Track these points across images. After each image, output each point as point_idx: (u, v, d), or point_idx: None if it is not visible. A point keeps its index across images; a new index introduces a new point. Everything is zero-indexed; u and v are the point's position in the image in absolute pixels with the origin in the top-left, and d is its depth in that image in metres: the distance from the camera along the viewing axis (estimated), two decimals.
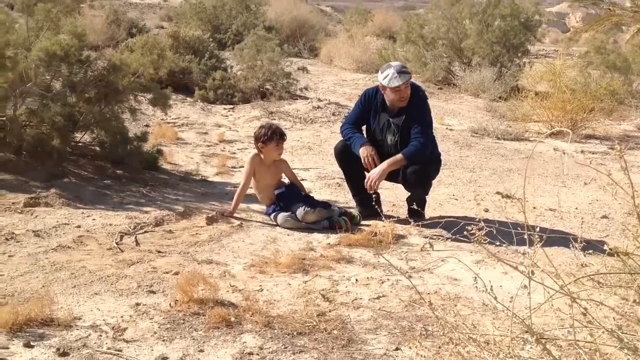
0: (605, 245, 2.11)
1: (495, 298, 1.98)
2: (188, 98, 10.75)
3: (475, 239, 1.99)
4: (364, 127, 5.27)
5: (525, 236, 1.99)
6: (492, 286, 2.04)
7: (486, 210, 5.36)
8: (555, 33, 34.70)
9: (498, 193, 2.08)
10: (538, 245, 1.87)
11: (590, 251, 2.27)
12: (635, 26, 22.21)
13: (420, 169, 4.97)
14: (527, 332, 1.80)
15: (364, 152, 4.97)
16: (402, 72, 4.91)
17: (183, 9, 19.77)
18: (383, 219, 4.01)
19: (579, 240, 2.21)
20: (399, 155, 4.93)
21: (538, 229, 1.92)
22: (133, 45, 6.39)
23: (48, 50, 5.44)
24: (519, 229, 2.14)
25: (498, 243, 2.23)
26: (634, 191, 1.89)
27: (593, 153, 8.20)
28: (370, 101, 5.16)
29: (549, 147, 8.62)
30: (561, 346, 2.04)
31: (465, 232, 2.14)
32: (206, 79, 11.04)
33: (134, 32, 15.18)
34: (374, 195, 4.37)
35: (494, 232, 2.18)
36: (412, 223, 3.83)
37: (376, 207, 4.28)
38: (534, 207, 5.74)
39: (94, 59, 5.92)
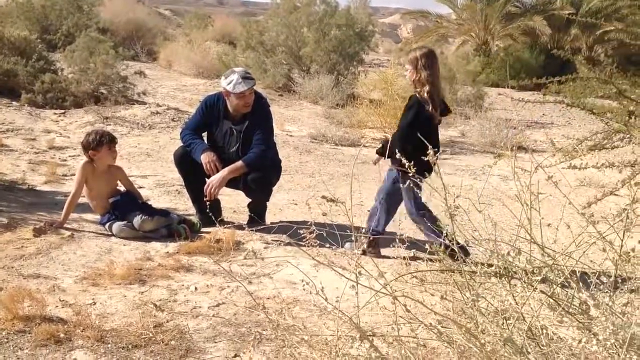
0: (426, 245, 2.24)
1: (326, 299, 2.03)
2: (14, 102, 10.03)
3: (306, 242, 2.03)
4: (205, 134, 5.22)
5: (353, 237, 2.06)
6: (322, 287, 2.10)
7: (324, 214, 5.48)
8: (389, 43, 36.49)
9: (323, 197, 2.15)
10: (363, 245, 1.94)
11: (413, 250, 2.40)
12: (459, 38, 23.94)
13: (260, 175, 5.00)
14: (354, 330, 1.86)
15: (206, 158, 4.91)
16: (246, 77, 4.92)
17: (9, 8, 18.47)
18: (223, 225, 3.98)
19: (404, 240, 2.34)
20: (240, 163, 4.93)
21: (364, 230, 1.99)
22: None
23: None
24: (347, 231, 2.21)
25: (328, 245, 2.29)
26: (446, 193, 2.03)
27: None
28: (212, 108, 5.11)
29: None
30: (391, 342, 2.13)
31: (299, 237, 2.19)
32: (34, 81, 10.37)
33: None
34: (207, 203, 4.32)
35: (325, 234, 2.25)
36: (247, 229, 3.88)
37: (212, 214, 4.22)
38: (368, 210, 5.96)
39: None
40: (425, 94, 4.48)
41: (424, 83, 4.49)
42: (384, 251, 4.62)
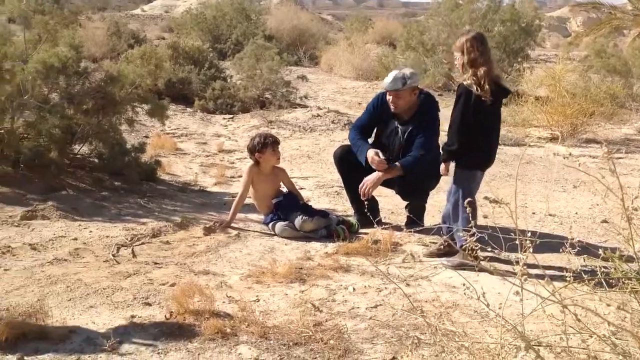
0: (600, 250, 2.08)
1: (488, 305, 1.95)
2: (188, 108, 10.77)
3: (465, 246, 1.97)
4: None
5: (517, 242, 1.97)
6: (484, 293, 2.02)
7: (485, 217, 5.32)
8: (557, 37, 34.73)
9: (486, 198, 2.06)
10: (529, 250, 1.84)
11: (585, 256, 2.24)
12: (636, 29, 22.19)
13: (415, 180, 4.95)
14: (519, 339, 1.78)
15: (371, 152, 4.92)
16: (395, 80, 4.87)
17: (184, 20, 19.85)
18: (381, 227, 3.98)
19: (574, 244, 2.18)
20: (397, 165, 4.91)
21: (529, 234, 1.88)
22: (130, 57, 6.37)
23: (46, 62, 5.45)
24: (512, 234, 2.10)
25: (490, 249, 2.21)
26: (624, 193, 1.87)
27: (594, 157, 8.15)
28: (382, 106, 5.12)
29: (549, 152, 8.59)
30: (559, 353, 2.01)
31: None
32: (206, 89, 11.06)
33: (133, 44, 15.23)
34: (366, 203, 4.33)
35: (486, 237, 2.16)
36: (405, 230, 3.83)
37: (370, 215, 4.24)
38: (533, 213, 5.71)
39: (91, 71, 5.93)
40: (472, 79, 4.19)
41: (471, 67, 4.21)
42: (550, 257, 4.38)
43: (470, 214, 2.19)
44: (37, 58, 5.44)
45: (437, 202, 5.93)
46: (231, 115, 10.54)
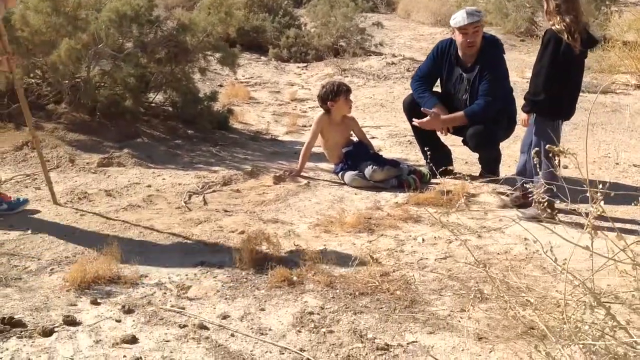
0: None
1: (555, 259, 1.84)
2: (262, 57, 10.73)
3: (533, 198, 1.85)
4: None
5: (588, 194, 1.84)
6: (551, 247, 1.91)
7: (565, 167, 5.09)
8: None
9: (550, 148, 1.92)
10: (601, 203, 1.71)
11: None
12: None
13: (481, 130, 4.77)
14: (588, 294, 1.67)
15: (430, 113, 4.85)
16: (471, 13, 4.69)
17: None
18: (454, 176, 3.85)
19: None
20: (460, 113, 4.78)
21: (600, 186, 1.75)
22: (201, 5, 6.36)
23: (118, 10, 5.50)
24: (584, 185, 1.96)
25: (558, 201, 2.07)
26: None
27: None
28: (444, 53, 4.97)
29: (637, 100, 8.11)
30: (635, 309, 1.89)
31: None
32: (280, 37, 10.98)
33: None
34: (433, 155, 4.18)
35: (554, 189, 2.03)
36: (479, 180, 3.70)
37: (443, 165, 4.12)
38: (617, 163, 5.43)
39: (163, 19, 5.95)
40: (561, 25, 3.92)
41: (557, 13, 3.94)
42: (628, 210, 4.16)
43: (552, 165, 2.06)
44: (110, 7, 5.50)
45: (514, 153, 5.73)
46: (305, 64, 10.45)
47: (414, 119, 4.91)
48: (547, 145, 2.03)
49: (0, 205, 4.03)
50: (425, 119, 4.84)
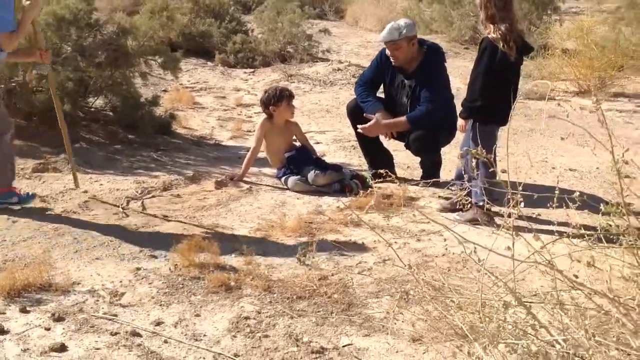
0: (601, 204, 1.99)
1: (479, 261, 1.88)
2: (209, 62, 10.65)
3: (457, 200, 1.88)
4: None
5: (518, 196, 1.88)
6: (475, 248, 1.95)
7: (503, 171, 5.18)
8: None
9: (468, 151, 1.95)
10: (520, 205, 1.76)
11: (586, 211, 2.14)
12: None
13: (423, 135, 4.83)
14: (509, 294, 1.70)
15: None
16: (392, 31, 4.75)
17: None
18: (394, 181, 3.87)
19: (574, 199, 2.09)
20: (402, 118, 4.83)
21: (520, 189, 1.78)
22: (144, 9, 6.27)
23: (56, 13, 5.38)
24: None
25: (481, 203, 2.10)
26: (613, 145, 1.76)
27: (620, 111, 7.90)
28: (387, 59, 5.01)
29: (575, 106, 8.33)
30: (552, 309, 1.92)
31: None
32: (227, 42, 10.91)
33: None
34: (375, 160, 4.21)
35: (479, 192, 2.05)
36: (421, 184, 3.73)
37: (384, 169, 4.13)
38: (553, 168, 5.56)
39: (103, 23, 5.85)
40: (496, 33, 4.03)
41: (493, 22, 4.05)
42: (552, 212, 4.25)
43: (488, 171, 2.09)
44: (48, 10, 5.37)
45: (454, 158, 5.81)
46: (252, 70, 10.41)
47: (358, 126, 4.93)
48: (465, 148, 2.07)
49: (11, 199, 4.11)
50: (367, 124, 4.87)
